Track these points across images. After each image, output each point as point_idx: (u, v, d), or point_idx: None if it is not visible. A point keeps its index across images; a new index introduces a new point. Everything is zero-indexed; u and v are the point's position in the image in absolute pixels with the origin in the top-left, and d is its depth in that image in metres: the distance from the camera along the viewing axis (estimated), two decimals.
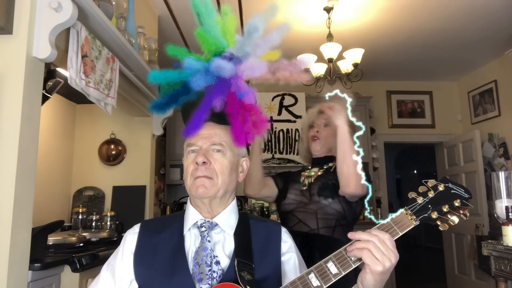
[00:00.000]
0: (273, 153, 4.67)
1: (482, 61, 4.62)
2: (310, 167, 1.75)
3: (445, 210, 0.92)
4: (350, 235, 0.85)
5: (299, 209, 1.61)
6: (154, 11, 3.27)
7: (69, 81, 1.57)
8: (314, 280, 0.86)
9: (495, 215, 2.09)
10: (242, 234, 1.00)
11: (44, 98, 1.98)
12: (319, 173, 1.67)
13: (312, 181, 1.65)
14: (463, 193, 0.94)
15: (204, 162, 0.97)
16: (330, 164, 1.70)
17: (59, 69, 1.94)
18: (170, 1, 2.41)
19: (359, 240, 0.84)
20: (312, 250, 1.49)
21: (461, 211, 0.93)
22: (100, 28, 1.78)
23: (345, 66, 3.32)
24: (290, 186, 1.69)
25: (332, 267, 0.86)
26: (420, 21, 3.56)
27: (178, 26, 2.61)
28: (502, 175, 2.07)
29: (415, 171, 10.16)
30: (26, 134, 1.39)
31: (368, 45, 3.70)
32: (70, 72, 1.54)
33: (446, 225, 0.93)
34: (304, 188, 1.65)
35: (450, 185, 0.95)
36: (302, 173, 1.73)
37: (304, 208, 1.60)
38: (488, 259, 2.11)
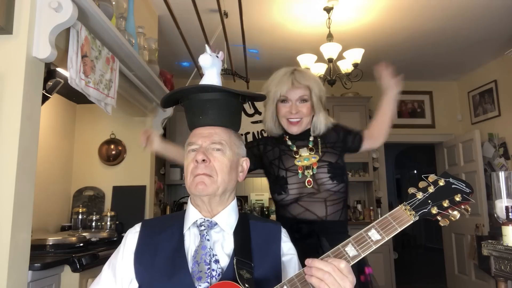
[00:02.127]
0: None
1: (482, 61, 4.62)
2: (294, 146, 1.57)
3: (445, 205, 0.91)
4: (307, 262, 0.84)
5: (305, 198, 1.50)
6: (154, 11, 3.27)
7: (69, 81, 1.57)
8: None
9: (495, 215, 2.09)
10: (241, 233, 1.00)
11: (44, 98, 1.98)
12: (314, 160, 1.52)
13: (315, 171, 1.51)
14: (464, 187, 0.92)
15: (203, 160, 0.98)
16: (311, 139, 1.58)
17: (59, 69, 1.94)
18: (170, 1, 2.41)
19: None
20: (319, 237, 1.44)
21: (462, 206, 0.91)
22: (100, 28, 1.78)
23: (345, 66, 3.32)
24: (288, 178, 1.52)
25: None
26: (420, 21, 3.56)
27: (178, 26, 2.61)
28: (502, 175, 2.07)
29: (415, 171, 10.16)
30: (26, 134, 1.39)
31: (368, 45, 3.70)
32: (70, 72, 1.54)
33: (447, 220, 0.91)
34: (308, 181, 1.51)
35: (451, 180, 0.93)
36: (296, 162, 1.54)
37: (311, 197, 1.50)
38: (488, 259, 2.11)
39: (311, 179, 1.51)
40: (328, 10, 3.22)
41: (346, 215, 1.58)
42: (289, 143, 1.59)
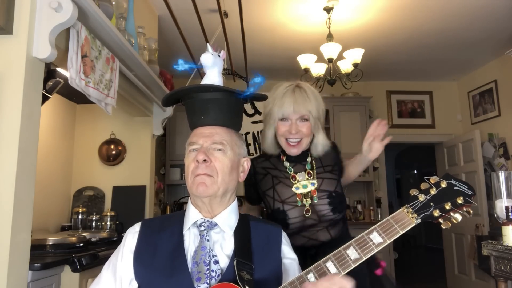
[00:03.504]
0: None
1: (482, 61, 4.62)
2: (291, 170, 1.49)
3: (447, 207, 0.90)
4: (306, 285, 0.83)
5: (307, 229, 1.43)
6: (154, 11, 3.27)
7: (69, 81, 1.57)
8: (313, 280, 0.86)
9: (495, 215, 2.09)
10: (242, 234, 1.00)
11: (44, 98, 1.98)
12: (313, 187, 1.45)
13: (316, 201, 1.44)
14: (466, 190, 0.91)
15: (204, 160, 0.97)
16: (309, 160, 1.51)
17: (59, 69, 1.93)
18: (170, 1, 2.41)
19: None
20: (326, 253, 1.44)
21: (464, 209, 0.91)
22: (100, 28, 1.78)
23: (345, 66, 3.32)
24: (287, 212, 1.43)
25: (331, 267, 0.86)
26: (420, 21, 3.56)
27: (178, 26, 2.61)
28: (502, 175, 2.07)
29: (415, 171, 10.16)
30: (26, 134, 1.38)
31: (368, 45, 3.70)
32: (70, 72, 1.54)
33: (449, 223, 0.91)
34: (307, 210, 1.43)
35: (453, 181, 0.92)
36: (293, 189, 1.46)
37: (312, 228, 1.43)
38: (488, 259, 2.11)
39: (309, 208, 1.43)
40: (328, 10, 3.22)
41: (346, 222, 1.55)
42: (286, 164, 1.50)
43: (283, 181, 1.48)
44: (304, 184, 1.46)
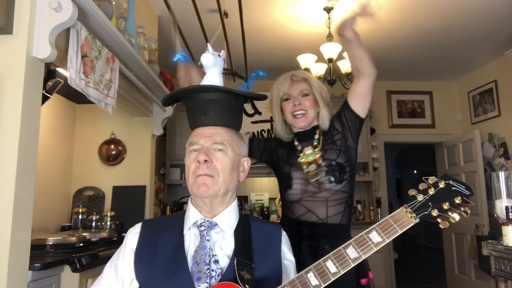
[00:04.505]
0: None
1: (482, 61, 4.62)
2: (299, 146, 1.61)
3: (445, 207, 0.91)
4: None
5: (307, 198, 1.53)
6: (154, 11, 3.27)
7: (69, 81, 1.57)
8: (313, 279, 0.86)
9: (495, 215, 2.09)
10: (242, 234, 1.00)
11: (44, 98, 1.98)
12: (317, 155, 1.55)
13: (316, 168, 1.54)
14: (464, 190, 0.93)
15: (205, 161, 0.97)
16: (316, 137, 1.60)
17: (59, 69, 1.94)
18: (170, 1, 2.41)
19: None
20: (320, 240, 1.46)
21: (462, 208, 0.92)
22: (100, 28, 1.78)
23: (345, 66, 3.32)
24: (292, 173, 1.57)
25: (331, 266, 0.87)
26: (420, 21, 3.56)
27: (178, 26, 2.61)
28: (502, 175, 2.07)
29: (415, 171, 10.16)
30: (26, 134, 1.38)
31: (368, 45, 3.68)
32: (70, 72, 1.54)
33: (447, 222, 0.92)
34: (310, 176, 1.53)
35: (451, 182, 0.94)
36: (299, 160, 1.57)
37: (313, 197, 1.52)
38: (488, 259, 2.11)
39: (315, 172, 1.53)
40: (328, 10, 3.22)
41: (348, 218, 1.57)
42: (296, 143, 1.63)
43: (295, 152, 1.62)
44: (309, 154, 1.57)
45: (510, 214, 1.93)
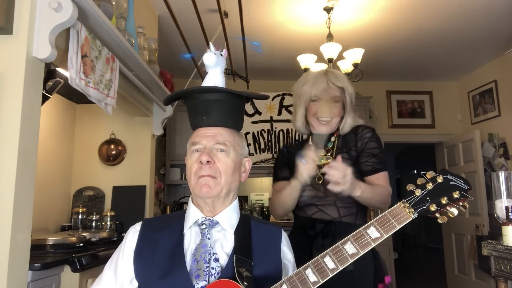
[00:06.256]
0: (273, 153, 4.68)
1: (482, 61, 4.62)
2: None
3: (444, 202, 0.91)
4: None
5: (316, 201, 1.54)
6: (154, 11, 3.27)
7: (69, 81, 1.57)
8: (311, 275, 0.86)
9: (495, 215, 2.09)
10: (242, 232, 1.01)
11: (44, 98, 1.98)
12: (328, 160, 1.52)
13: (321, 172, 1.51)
14: (462, 184, 0.92)
15: (208, 161, 0.98)
16: (332, 139, 1.59)
17: (59, 69, 1.94)
18: (170, 1, 2.41)
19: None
20: (335, 239, 1.43)
21: (461, 203, 0.91)
22: (100, 28, 1.78)
23: (345, 66, 3.32)
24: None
25: (329, 262, 0.87)
26: (420, 21, 3.56)
27: (178, 26, 2.61)
28: (502, 175, 2.07)
29: (415, 171, 10.16)
30: (26, 134, 1.38)
31: (368, 45, 3.70)
32: (70, 72, 1.54)
33: (445, 217, 0.91)
34: (318, 181, 1.53)
35: (449, 176, 0.93)
36: None
37: (321, 200, 1.53)
38: (488, 259, 2.11)
39: (321, 177, 1.51)
40: (328, 10, 3.22)
41: (363, 218, 1.56)
42: (310, 143, 1.62)
43: None
44: (321, 158, 1.54)
45: (510, 214, 1.93)
